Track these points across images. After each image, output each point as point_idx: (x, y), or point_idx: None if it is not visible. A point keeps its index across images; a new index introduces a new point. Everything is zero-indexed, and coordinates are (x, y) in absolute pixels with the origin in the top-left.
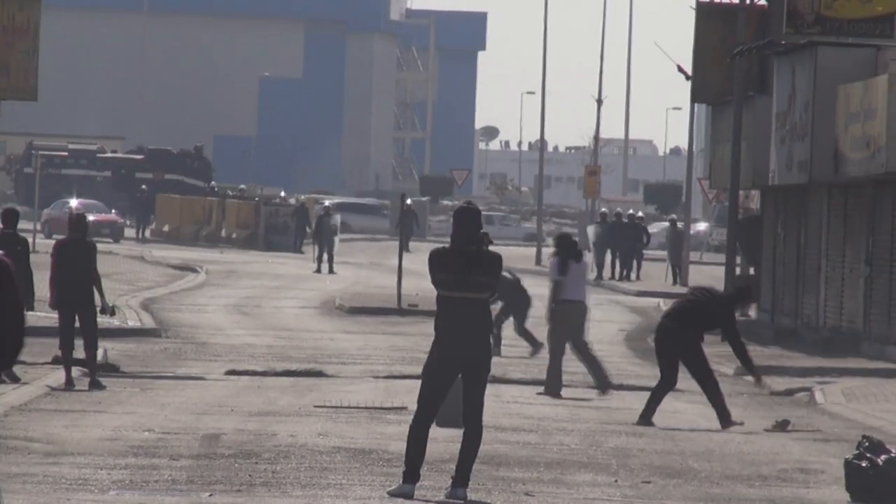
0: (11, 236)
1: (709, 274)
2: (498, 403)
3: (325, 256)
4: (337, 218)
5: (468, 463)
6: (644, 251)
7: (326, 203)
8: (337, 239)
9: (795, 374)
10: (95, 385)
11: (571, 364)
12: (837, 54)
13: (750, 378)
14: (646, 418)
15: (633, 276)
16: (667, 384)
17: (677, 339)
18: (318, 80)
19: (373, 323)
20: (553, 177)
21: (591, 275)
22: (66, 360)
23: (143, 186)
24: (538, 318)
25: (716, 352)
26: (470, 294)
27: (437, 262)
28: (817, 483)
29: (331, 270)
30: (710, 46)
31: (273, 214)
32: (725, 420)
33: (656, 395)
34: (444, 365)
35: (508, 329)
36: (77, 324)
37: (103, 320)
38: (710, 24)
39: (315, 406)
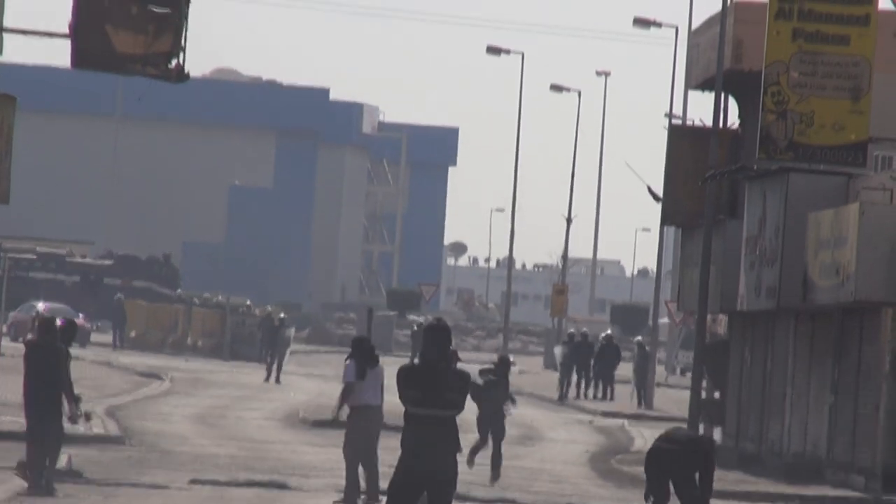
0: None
1: (674, 397)
2: None
3: (275, 366)
4: (291, 330)
5: None
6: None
7: (281, 314)
8: (289, 351)
9: (758, 499)
10: (50, 491)
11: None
12: (809, 181)
13: None
14: None
15: (608, 395)
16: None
17: (673, 459)
18: (288, 190)
19: (337, 436)
20: (520, 294)
21: (556, 394)
22: (30, 464)
23: (120, 295)
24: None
25: None
26: (439, 411)
27: (407, 378)
28: None
29: (277, 380)
30: (682, 169)
31: (240, 324)
32: None
33: None
34: (411, 481)
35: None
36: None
37: (68, 426)
38: (681, 147)
39: None
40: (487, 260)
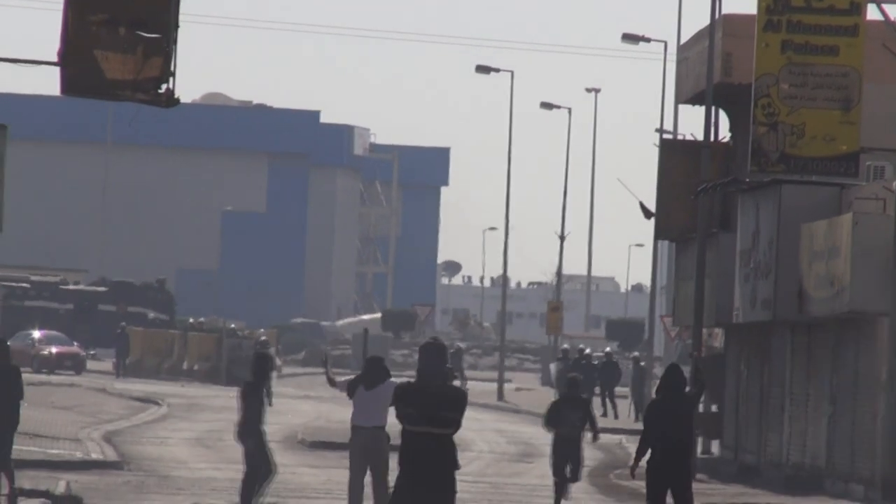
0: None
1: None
2: None
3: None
4: (272, 351)
5: None
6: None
7: (262, 337)
8: (274, 373)
9: None
10: None
11: None
12: (801, 192)
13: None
14: None
15: (609, 413)
16: None
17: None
18: (281, 213)
19: (335, 457)
20: (515, 312)
21: None
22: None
23: (123, 323)
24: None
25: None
26: (435, 429)
27: (403, 396)
28: None
29: (270, 403)
30: (674, 183)
31: (236, 347)
32: None
33: None
34: (409, 499)
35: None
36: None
37: (64, 452)
38: (673, 161)
39: None
40: (481, 279)
